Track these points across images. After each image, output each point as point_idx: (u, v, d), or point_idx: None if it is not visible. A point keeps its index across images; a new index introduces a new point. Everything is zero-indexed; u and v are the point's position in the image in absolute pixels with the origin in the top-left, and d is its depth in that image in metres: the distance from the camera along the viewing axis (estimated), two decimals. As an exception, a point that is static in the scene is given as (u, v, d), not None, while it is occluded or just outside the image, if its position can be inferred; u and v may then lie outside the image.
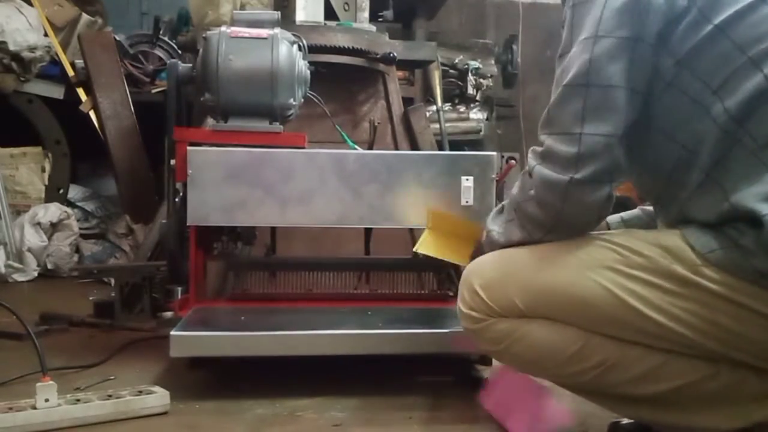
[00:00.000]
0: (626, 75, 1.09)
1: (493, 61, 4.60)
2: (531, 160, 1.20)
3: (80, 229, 3.77)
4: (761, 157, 1.05)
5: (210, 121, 2.03)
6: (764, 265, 1.02)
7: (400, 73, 3.39)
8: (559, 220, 1.16)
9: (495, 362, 1.60)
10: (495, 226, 1.31)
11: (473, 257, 1.36)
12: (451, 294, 2.13)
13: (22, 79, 3.78)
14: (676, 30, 1.09)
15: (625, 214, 1.52)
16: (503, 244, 1.28)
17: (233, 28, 1.92)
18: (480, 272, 1.26)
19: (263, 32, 1.90)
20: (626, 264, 1.11)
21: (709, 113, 1.08)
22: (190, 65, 1.97)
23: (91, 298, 2.67)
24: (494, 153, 1.92)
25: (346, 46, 2.56)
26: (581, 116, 1.10)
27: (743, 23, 1.07)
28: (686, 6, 1.09)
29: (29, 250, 3.48)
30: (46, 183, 3.91)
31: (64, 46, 4.13)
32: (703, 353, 1.09)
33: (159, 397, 1.52)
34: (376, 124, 2.23)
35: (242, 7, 3.18)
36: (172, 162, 1.85)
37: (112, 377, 1.74)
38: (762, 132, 1.06)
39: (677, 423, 1.15)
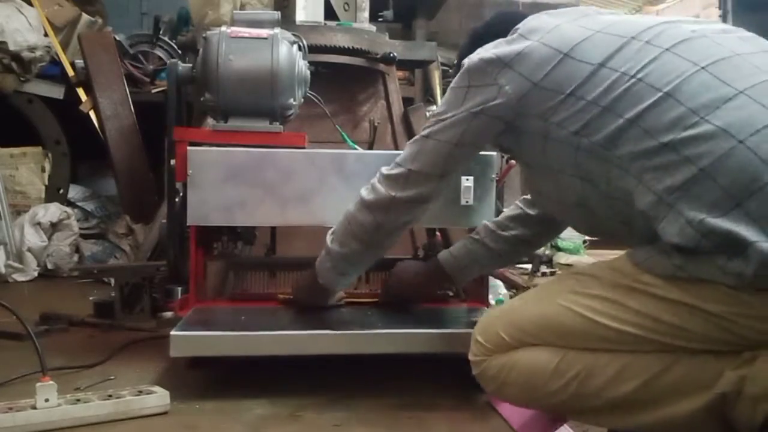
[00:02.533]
0: (457, 134, 1.43)
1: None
2: (376, 176, 1.58)
3: (80, 229, 3.77)
4: (631, 172, 1.22)
5: (210, 121, 2.03)
6: (679, 260, 1.14)
7: (400, 73, 3.40)
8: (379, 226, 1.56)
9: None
10: (330, 241, 1.67)
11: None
12: (451, 294, 2.13)
13: (22, 79, 3.78)
14: (534, 99, 1.33)
15: (452, 249, 1.87)
16: (331, 249, 1.67)
17: (233, 28, 1.92)
18: (481, 324, 1.43)
19: (263, 32, 1.90)
20: (583, 286, 1.28)
21: (581, 148, 1.28)
22: (190, 65, 1.96)
23: (91, 298, 2.67)
24: (494, 153, 1.91)
25: (346, 46, 2.56)
26: (414, 157, 1.50)
27: (588, 85, 1.28)
28: (538, 85, 1.32)
29: (29, 250, 3.48)
30: (46, 183, 3.91)
31: (64, 46, 4.14)
32: (661, 348, 1.19)
33: (159, 397, 1.52)
34: (376, 124, 2.23)
35: (242, 7, 3.17)
36: (172, 162, 1.85)
37: (112, 377, 1.74)
38: (627, 154, 1.23)
39: (663, 420, 1.20)
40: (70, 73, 3.87)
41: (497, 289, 2.55)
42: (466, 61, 1.42)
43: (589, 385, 1.24)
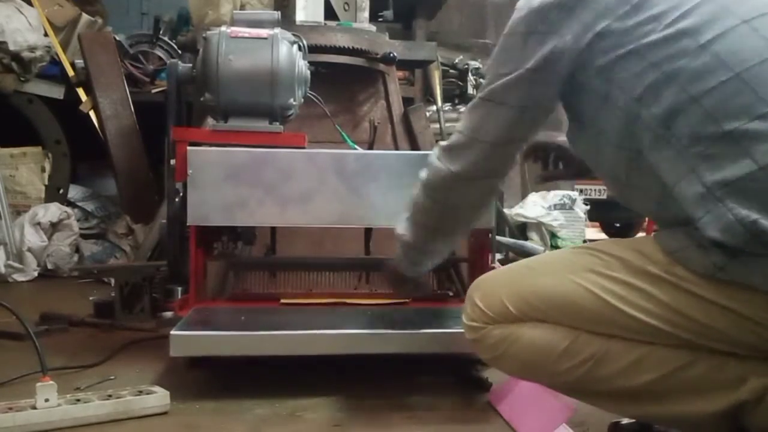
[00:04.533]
0: (520, 97, 1.27)
1: (493, 61, 4.60)
2: (433, 151, 1.44)
3: (80, 229, 3.78)
4: (686, 157, 1.11)
5: (210, 121, 2.03)
6: (719, 259, 1.07)
7: (400, 73, 3.39)
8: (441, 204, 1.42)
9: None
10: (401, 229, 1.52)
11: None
12: (451, 294, 2.13)
13: (22, 79, 3.78)
14: (596, 50, 1.19)
15: None
16: (408, 240, 1.51)
17: (233, 28, 1.92)
18: (480, 285, 1.35)
19: (263, 32, 1.90)
20: (605, 267, 1.19)
21: (640, 119, 1.16)
22: (190, 65, 1.97)
23: (91, 298, 2.67)
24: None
25: (346, 46, 2.56)
26: (479, 125, 1.32)
27: (658, 46, 1.14)
28: (601, 33, 1.18)
29: (29, 250, 3.48)
30: (46, 183, 3.91)
31: (64, 46, 4.14)
32: (682, 343, 1.14)
33: (159, 397, 1.52)
34: (376, 124, 2.23)
35: (242, 7, 3.18)
36: (172, 162, 1.85)
37: (112, 377, 1.74)
38: (684, 132, 1.12)
39: (670, 414, 1.19)
40: (70, 73, 3.88)
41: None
42: (524, 4, 1.25)
43: (599, 370, 1.19)
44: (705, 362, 1.14)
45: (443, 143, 1.41)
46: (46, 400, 1.41)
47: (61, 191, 3.92)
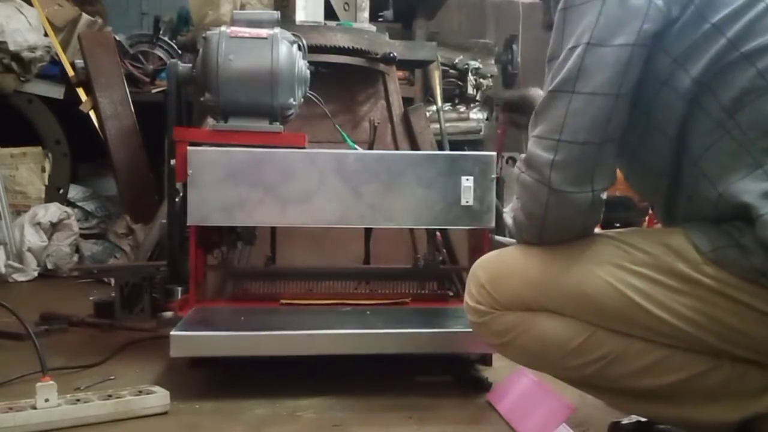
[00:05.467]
0: (616, 82, 1.09)
1: (493, 61, 4.60)
2: (516, 168, 1.22)
3: (80, 229, 3.77)
4: (751, 150, 1.05)
5: (210, 121, 2.03)
6: (762, 263, 1.02)
7: (400, 73, 3.39)
8: (543, 229, 1.18)
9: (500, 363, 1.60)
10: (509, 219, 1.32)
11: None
12: (451, 294, 2.13)
13: (22, 79, 3.78)
14: (672, 30, 1.09)
15: None
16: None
17: (233, 28, 1.92)
18: (486, 266, 1.27)
19: (263, 32, 1.90)
20: (630, 261, 1.12)
21: (701, 106, 1.09)
22: (190, 65, 1.96)
23: (91, 298, 2.67)
24: (494, 153, 1.92)
25: (346, 46, 2.56)
26: (562, 123, 1.11)
27: (739, 22, 1.07)
28: (683, 7, 1.09)
29: (29, 250, 3.48)
30: (46, 183, 3.90)
31: (64, 46, 4.13)
32: (705, 349, 1.10)
33: (159, 397, 1.52)
34: (376, 124, 2.23)
35: (242, 7, 3.17)
36: (172, 162, 1.85)
37: (112, 377, 1.74)
38: (752, 124, 1.06)
39: (678, 417, 1.16)
40: (70, 73, 3.87)
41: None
42: None
43: (613, 370, 1.15)
44: (727, 370, 1.10)
45: (524, 156, 1.20)
46: (46, 400, 1.41)
47: (61, 191, 3.92)
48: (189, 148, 1.81)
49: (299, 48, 1.96)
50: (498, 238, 1.97)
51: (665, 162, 1.16)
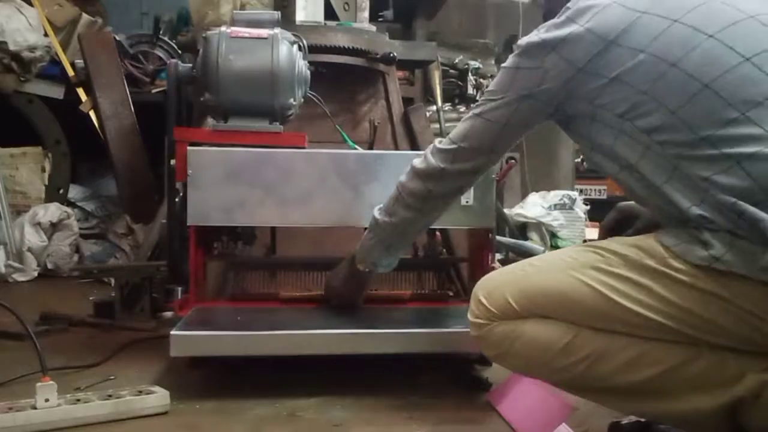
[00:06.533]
0: (506, 117, 1.39)
1: (493, 61, 4.60)
2: (428, 149, 1.54)
3: (80, 229, 3.78)
4: (670, 159, 1.19)
5: (210, 121, 2.03)
6: (717, 251, 1.11)
7: (400, 73, 3.38)
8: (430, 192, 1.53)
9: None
10: (378, 214, 1.65)
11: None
12: (451, 294, 2.13)
13: (22, 79, 3.78)
14: (584, 80, 1.28)
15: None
16: (380, 220, 1.64)
17: (233, 28, 1.92)
18: (485, 285, 1.38)
19: (263, 32, 1.90)
20: (606, 263, 1.22)
21: (625, 132, 1.24)
22: (190, 65, 1.97)
23: (91, 298, 2.67)
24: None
25: (346, 46, 2.56)
26: (465, 134, 1.45)
27: (632, 73, 1.23)
28: (585, 64, 1.27)
29: (29, 250, 3.48)
30: (46, 183, 3.91)
31: (64, 46, 4.13)
32: (682, 339, 1.16)
33: (159, 397, 1.52)
34: (376, 124, 2.23)
35: (242, 7, 3.17)
36: (172, 162, 1.85)
37: (112, 377, 1.74)
38: (666, 139, 1.19)
39: (667, 411, 1.20)
40: (70, 73, 3.87)
41: None
42: (519, 42, 1.39)
43: (599, 367, 1.22)
44: (705, 358, 1.16)
45: (437, 143, 1.53)
46: (46, 400, 1.41)
47: (61, 191, 3.92)
48: (189, 148, 1.81)
49: (299, 48, 1.96)
50: (498, 238, 1.97)
51: (627, 182, 1.31)
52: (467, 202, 1.85)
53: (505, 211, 3.96)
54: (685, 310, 1.14)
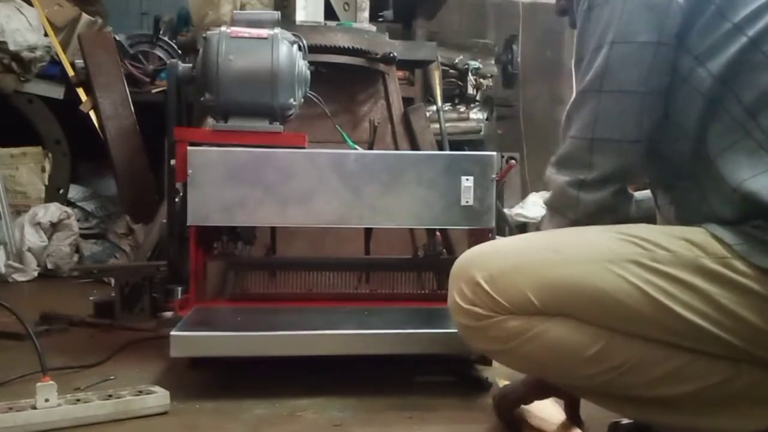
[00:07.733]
0: (643, 79, 1.10)
1: (493, 61, 4.61)
2: (547, 170, 1.22)
3: (80, 229, 3.77)
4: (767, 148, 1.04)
5: (210, 121, 2.03)
6: None
7: (400, 73, 3.39)
8: (577, 222, 1.17)
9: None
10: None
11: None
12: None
13: (22, 79, 3.78)
14: (693, 29, 1.10)
15: (638, 194, 1.40)
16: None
17: (233, 28, 1.92)
18: (483, 264, 1.15)
19: (263, 32, 1.90)
20: (651, 258, 1.05)
21: (723, 106, 1.08)
22: (190, 65, 1.97)
23: (91, 298, 2.66)
24: (494, 153, 1.92)
25: (346, 46, 2.56)
26: (593, 122, 1.12)
27: (761, 21, 1.07)
28: (704, 5, 1.09)
29: (29, 250, 3.48)
30: (46, 183, 3.91)
31: (64, 46, 4.13)
32: (728, 351, 1.04)
33: (159, 397, 1.52)
34: (376, 124, 2.23)
35: (242, 7, 3.17)
36: (172, 162, 1.85)
37: (112, 377, 1.74)
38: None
39: (694, 425, 1.10)
40: (70, 73, 3.87)
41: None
42: None
43: (629, 378, 1.07)
44: (746, 378, 1.05)
45: (554, 158, 1.22)
46: (46, 400, 1.41)
47: (61, 191, 3.92)
48: (189, 148, 1.81)
49: (299, 48, 1.96)
50: (499, 238, 1.97)
51: (683, 158, 1.14)
52: (467, 202, 1.85)
53: (505, 211, 3.97)
54: (741, 319, 1.01)
